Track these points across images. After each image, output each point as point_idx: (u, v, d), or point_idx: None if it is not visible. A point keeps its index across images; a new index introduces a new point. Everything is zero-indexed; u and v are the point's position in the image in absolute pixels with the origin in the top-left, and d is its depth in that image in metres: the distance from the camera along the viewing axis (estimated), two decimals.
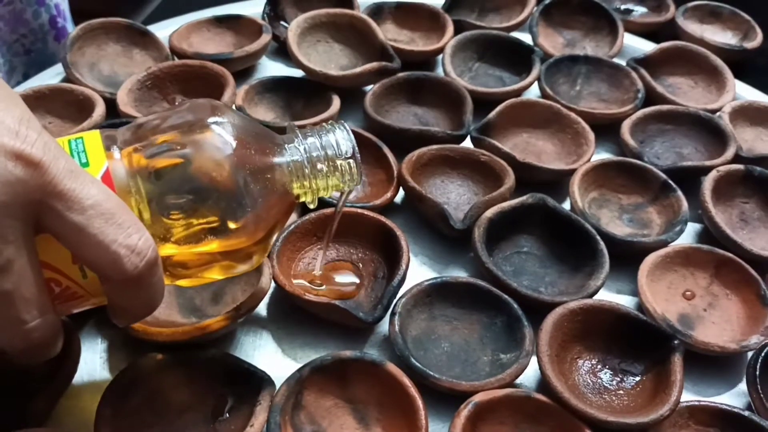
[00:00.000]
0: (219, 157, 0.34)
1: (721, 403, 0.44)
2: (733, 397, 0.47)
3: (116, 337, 0.45)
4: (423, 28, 0.70)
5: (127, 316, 0.34)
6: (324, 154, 0.39)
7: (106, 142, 0.34)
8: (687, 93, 0.69)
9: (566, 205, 0.55)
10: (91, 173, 0.32)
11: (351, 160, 0.39)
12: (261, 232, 0.36)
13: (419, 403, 0.41)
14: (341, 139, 0.39)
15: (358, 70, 0.60)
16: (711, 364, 0.48)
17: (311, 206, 0.40)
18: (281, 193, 0.37)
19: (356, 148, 0.39)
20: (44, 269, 0.31)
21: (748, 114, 0.65)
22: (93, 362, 0.44)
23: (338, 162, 0.39)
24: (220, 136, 0.35)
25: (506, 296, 0.47)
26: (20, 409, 0.39)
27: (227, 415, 0.41)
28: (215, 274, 0.38)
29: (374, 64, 0.60)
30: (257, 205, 0.35)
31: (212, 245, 0.35)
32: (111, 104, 0.56)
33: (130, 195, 0.33)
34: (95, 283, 0.33)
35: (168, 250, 0.35)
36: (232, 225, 0.35)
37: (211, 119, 0.35)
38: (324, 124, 0.40)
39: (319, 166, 0.38)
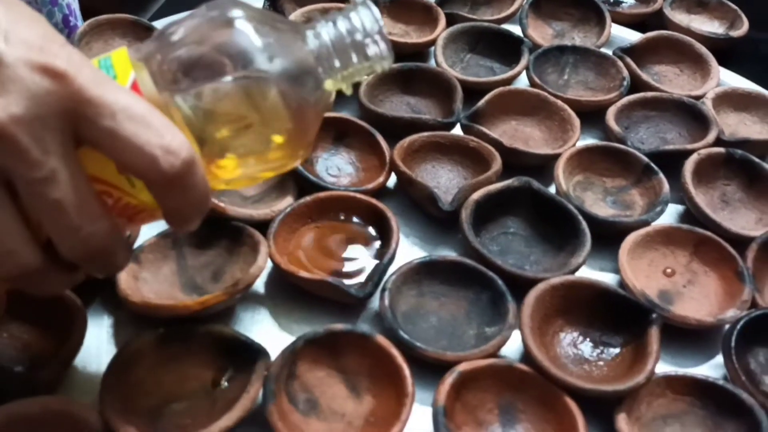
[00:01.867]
0: (243, 55, 0.34)
1: (696, 374, 0.46)
2: (711, 369, 0.49)
3: (121, 313, 0.47)
4: (417, 21, 0.73)
5: (180, 220, 0.34)
6: (351, 40, 0.36)
7: (132, 54, 0.34)
8: (672, 81, 0.71)
9: (552, 189, 0.58)
10: (116, 82, 0.32)
11: (379, 39, 0.37)
12: (302, 126, 0.36)
13: (406, 371, 0.43)
14: (365, 18, 0.37)
15: None
16: (689, 338, 0.51)
17: (348, 93, 0.38)
18: (315, 83, 0.36)
19: (383, 25, 0.37)
20: (94, 183, 0.32)
21: (732, 100, 0.67)
22: (99, 337, 0.46)
23: (367, 44, 0.36)
24: (243, 33, 0.34)
25: (491, 273, 0.49)
26: (28, 378, 0.41)
27: (226, 384, 0.43)
28: (258, 173, 0.37)
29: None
30: (294, 101, 0.35)
31: (252, 144, 0.35)
32: None
33: (160, 102, 0.33)
34: (143, 190, 0.33)
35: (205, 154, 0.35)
36: (271, 127, 0.35)
37: (230, 15, 0.34)
38: (345, 5, 0.38)
39: (346, 51, 0.36)
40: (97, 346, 0.46)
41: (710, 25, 0.78)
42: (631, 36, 0.75)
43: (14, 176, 0.29)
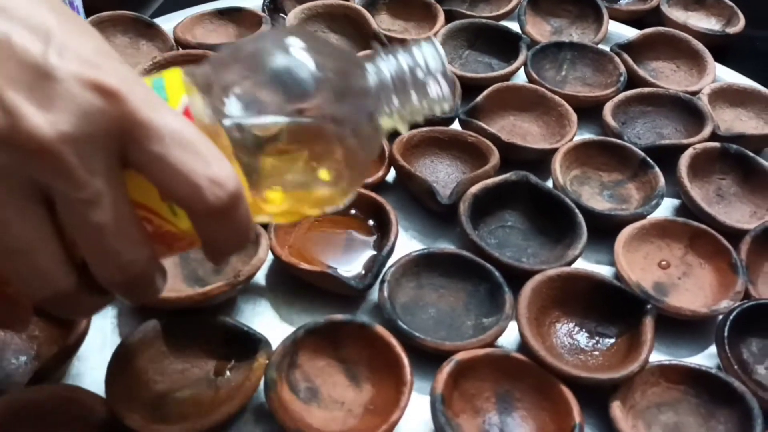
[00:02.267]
0: (300, 87, 0.32)
1: (690, 363, 0.47)
2: (705, 359, 0.50)
3: (125, 305, 0.48)
4: (416, 18, 0.74)
5: (219, 253, 0.33)
6: (412, 78, 0.34)
7: (186, 77, 0.33)
8: (669, 77, 0.71)
9: (550, 183, 0.58)
10: (167, 105, 0.31)
11: (441, 80, 0.35)
12: (355, 169, 0.34)
13: (405, 360, 0.44)
14: (429, 56, 0.35)
15: None
16: (684, 329, 0.51)
17: (403, 132, 0.37)
18: (368, 119, 0.35)
19: (447, 66, 0.35)
20: (135, 208, 0.31)
21: (728, 95, 0.68)
22: (104, 328, 0.47)
23: (428, 82, 0.35)
24: (301, 64, 0.33)
25: (489, 265, 0.50)
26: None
27: (228, 373, 0.44)
28: (307, 209, 0.36)
29: (368, 52, 0.64)
30: (343, 135, 0.33)
31: (302, 178, 0.34)
32: None
33: (210, 129, 0.31)
34: (185, 219, 0.32)
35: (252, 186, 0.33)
36: (323, 162, 0.33)
37: (289, 45, 0.33)
38: (410, 40, 0.37)
39: (406, 90, 0.35)
40: (102, 337, 0.47)
41: (707, 22, 0.79)
42: (628, 33, 0.76)
43: (56, 194, 0.28)
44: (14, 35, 0.28)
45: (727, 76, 0.72)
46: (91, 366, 0.45)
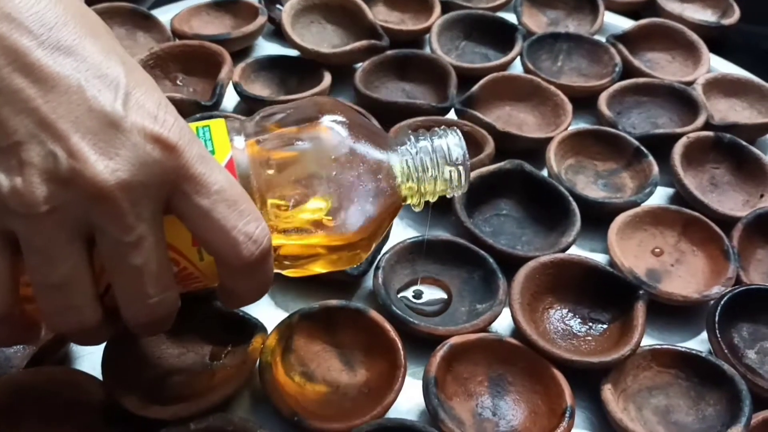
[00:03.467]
0: (334, 156, 0.36)
1: (680, 346, 0.47)
2: (697, 344, 0.51)
3: None
4: (412, 9, 0.74)
5: (236, 300, 0.36)
6: (434, 159, 0.39)
7: (230, 131, 0.36)
8: (665, 67, 0.72)
9: (545, 173, 0.59)
10: (216, 160, 0.33)
11: (460, 167, 0.39)
12: (367, 230, 0.38)
13: (399, 344, 0.44)
14: (452, 145, 0.39)
15: (348, 47, 0.64)
16: (676, 315, 0.52)
17: (416, 209, 0.41)
18: (389, 194, 0.38)
19: (467, 155, 0.40)
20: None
21: (722, 86, 0.68)
22: None
23: (447, 168, 0.39)
24: (337, 134, 0.37)
25: (483, 252, 0.51)
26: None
27: (224, 358, 0.45)
28: (319, 267, 0.40)
29: (363, 42, 0.64)
30: (366, 204, 0.37)
31: (319, 239, 0.37)
32: None
33: (250, 184, 0.35)
34: (211, 266, 0.34)
35: (277, 240, 0.37)
36: (339, 221, 0.37)
37: (329, 117, 0.37)
38: (437, 128, 0.41)
39: (428, 170, 0.39)
40: None
41: (702, 14, 0.79)
42: (624, 24, 0.76)
43: (101, 235, 0.30)
44: (87, 84, 0.30)
45: (722, 66, 0.73)
46: (88, 350, 0.45)
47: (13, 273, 0.31)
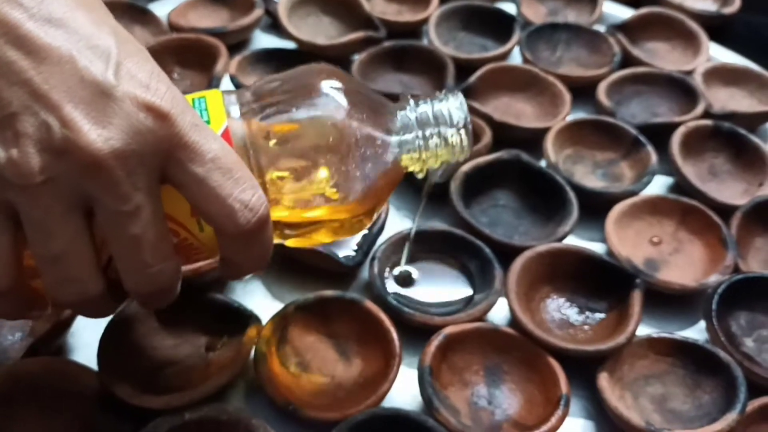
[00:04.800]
0: (331, 122, 0.35)
1: (676, 335, 0.47)
2: (695, 333, 0.50)
3: None
4: (410, 0, 0.74)
5: (237, 271, 0.36)
6: (435, 124, 0.38)
7: (226, 101, 0.36)
8: (664, 57, 0.71)
9: (543, 163, 0.59)
10: (211, 129, 0.33)
11: (462, 131, 0.38)
12: (369, 198, 0.37)
13: (394, 334, 0.44)
14: (454, 108, 0.38)
15: (344, 39, 0.64)
16: (674, 304, 0.52)
17: (419, 176, 0.40)
18: (391, 161, 0.37)
19: (468, 119, 0.38)
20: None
21: (722, 75, 0.68)
22: None
23: (449, 132, 0.38)
24: (334, 101, 0.36)
25: (479, 242, 0.51)
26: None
27: (219, 348, 0.45)
28: (322, 237, 0.39)
29: (359, 34, 0.64)
30: (368, 172, 0.36)
31: (320, 210, 0.36)
32: None
33: (246, 154, 0.34)
34: (210, 237, 0.34)
35: (278, 211, 0.36)
36: (341, 191, 0.36)
37: (325, 84, 0.36)
38: (437, 92, 0.39)
39: (429, 136, 0.38)
40: None
41: (703, 3, 0.79)
42: (623, 14, 0.76)
43: (98, 206, 0.30)
44: (78, 54, 0.30)
45: (722, 56, 0.72)
46: (84, 342, 0.46)
47: (15, 246, 0.31)
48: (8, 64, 0.29)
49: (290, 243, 0.39)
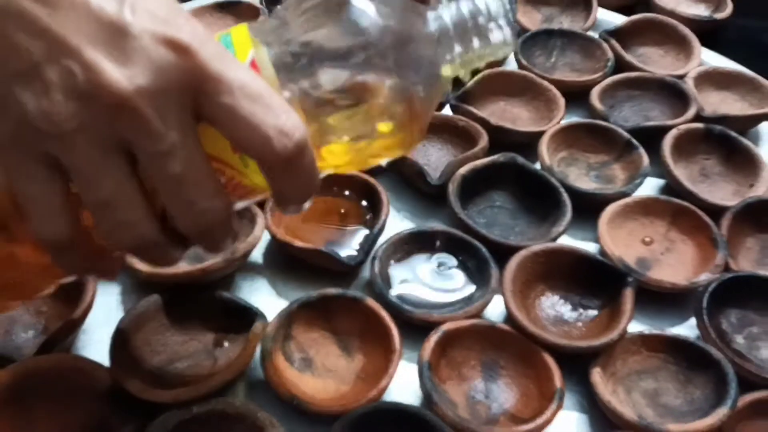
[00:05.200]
0: (361, 38, 0.33)
1: (669, 332, 0.48)
2: (686, 330, 0.52)
3: (128, 282, 0.51)
4: None
5: (288, 201, 0.34)
6: (473, 21, 0.34)
7: (252, 32, 0.34)
8: (657, 62, 0.73)
9: (539, 165, 0.60)
10: (236, 58, 0.32)
11: (504, 23, 0.35)
12: (416, 109, 0.34)
13: (394, 331, 0.46)
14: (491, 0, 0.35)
15: None
16: (666, 302, 0.53)
17: (465, 80, 0.37)
18: (430, 67, 0.35)
19: (508, 8, 0.35)
20: (210, 160, 0.32)
21: (713, 79, 0.70)
22: (108, 303, 0.49)
23: (490, 27, 0.35)
24: (368, 9, 0.33)
25: (476, 242, 0.52)
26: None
27: (226, 345, 0.47)
28: (367, 160, 0.37)
29: None
30: (404, 84, 0.33)
31: (366, 128, 0.34)
32: None
33: (275, 81, 0.33)
34: (256, 170, 0.33)
35: (319, 141, 0.34)
36: (381, 107, 0.34)
37: None
38: None
39: (468, 37, 0.34)
40: (106, 312, 0.49)
41: (696, 9, 0.80)
42: (617, 20, 0.77)
43: (136, 148, 0.30)
44: None
45: (714, 60, 0.74)
46: (96, 339, 0.47)
47: (66, 197, 0.31)
48: (24, 14, 0.28)
49: (342, 170, 0.37)
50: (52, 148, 0.30)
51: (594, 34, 0.73)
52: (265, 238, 0.53)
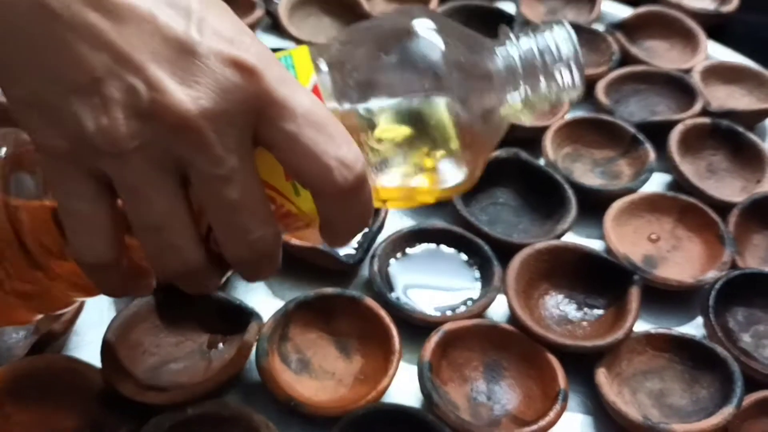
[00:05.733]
0: (426, 70, 0.32)
1: (675, 331, 0.47)
2: (693, 329, 0.51)
3: None
4: (410, 0, 0.74)
5: (339, 235, 0.34)
6: (541, 61, 0.33)
7: (314, 56, 0.33)
8: (663, 55, 0.72)
9: (543, 161, 0.59)
10: (300, 82, 0.31)
11: (573, 66, 0.34)
12: (473, 152, 0.34)
13: (393, 331, 0.45)
14: (561, 40, 0.33)
15: None
16: (672, 300, 0.52)
17: (526, 122, 0.36)
18: (496, 105, 0.34)
19: (579, 50, 0.34)
20: None
21: (720, 73, 0.68)
22: (101, 304, 0.48)
23: (558, 69, 0.33)
24: (432, 44, 0.32)
25: (478, 240, 0.51)
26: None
27: (221, 346, 0.46)
28: (425, 197, 0.36)
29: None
30: (466, 125, 0.33)
31: (421, 164, 0.33)
32: None
33: (336, 109, 0.32)
34: (308, 200, 0.32)
35: (374, 177, 0.34)
36: (442, 141, 0.33)
37: (421, 23, 0.33)
38: (539, 24, 0.35)
39: (536, 77, 0.33)
40: (99, 313, 0.48)
41: (701, 2, 0.79)
42: (622, 12, 0.76)
43: (192, 170, 0.29)
44: (158, 12, 0.28)
45: (721, 54, 0.72)
46: (88, 340, 0.46)
47: (114, 217, 0.30)
48: (88, 26, 0.28)
49: (391, 206, 0.36)
50: (106, 165, 0.29)
51: (599, 27, 0.71)
52: None
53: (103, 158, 0.28)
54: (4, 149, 0.34)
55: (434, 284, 0.50)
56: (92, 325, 0.47)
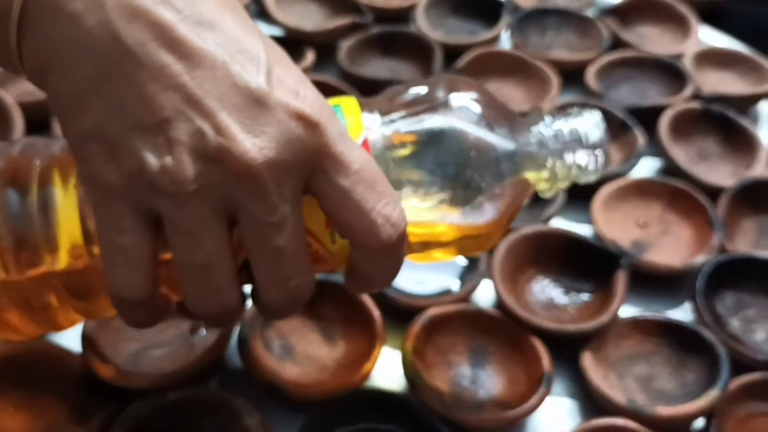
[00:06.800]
0: (466, 138, 0.34)
1: (661, 315, 0.47)
2: (681, 313, 0.50)
3: None
4: None
5: (367, 284, 0.34)
6: (571, 143, 0.36)
7: (363, 110, 0.34)
8: (655, 41, 0.71)
9: None
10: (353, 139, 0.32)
11: (599, 152, 0.36)
12: (501, 219, 0.35)
13: (377, 316, 0.44)
14: (591, 127, 0.36)
15: (331, 25, 0.64)
16: (661, 285, 0.52)
17: (546, 196, 0.38)
18: (522, 178, 0.36)
19: (605, 139, 0.36)
20: None
21: (712, 58, 0.68)
22: None
23: (584, 153, 0.36)
24: (471, 115, 0.34)
25: None
26: None
27: (203, 332, 0.45)
28: (443, 255, 0.37)
29: (346, 19, 0.64)
30: (498, 189, 0.34)
31: (450, 229, 0.35)
32: None
33: (383, 165, 0.33)
34: (342, 249, 0.33)
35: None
36: (472, 211, 0.34)
37: (462, 96, 0.35)
38: (572, 108, 0.38)
39: (563, 156, 0.36)
40: None
41: None
42: None
43: (244, 215, 0.29)
44: (230, 58, 0.29)
45: (713, 39, 0.72)
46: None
47: (155, 254, 0.30)
48: (162, 67, 0.28)
49: (412, 258, 0.37)
50: (161, 205, 0.29)
51: (590, 13, 0.71)
52: None
53: (159, 197, 0.28)
54: None
55: (419, 269, 0.50)
56: None
